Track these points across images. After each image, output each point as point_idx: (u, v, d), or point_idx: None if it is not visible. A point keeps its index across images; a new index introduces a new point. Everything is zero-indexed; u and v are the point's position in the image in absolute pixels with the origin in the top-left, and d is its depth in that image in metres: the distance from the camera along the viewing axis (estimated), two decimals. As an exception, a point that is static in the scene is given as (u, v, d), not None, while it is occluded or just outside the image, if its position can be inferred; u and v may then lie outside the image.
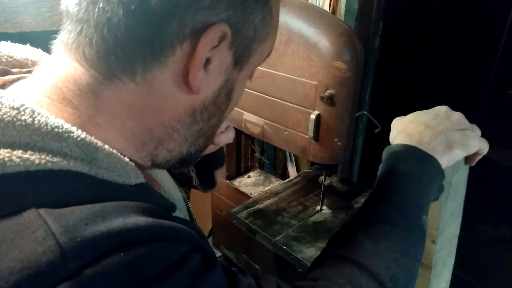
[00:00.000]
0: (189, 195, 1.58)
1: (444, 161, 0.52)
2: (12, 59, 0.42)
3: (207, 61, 0.35)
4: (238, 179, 1.28)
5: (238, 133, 1.24)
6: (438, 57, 1.52)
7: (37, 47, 0.47)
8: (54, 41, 0.36)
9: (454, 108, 0.57)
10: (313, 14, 0.82)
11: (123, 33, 0.31)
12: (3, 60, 0.41)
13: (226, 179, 1.27)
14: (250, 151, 1.33)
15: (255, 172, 1.33)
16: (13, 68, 0.41)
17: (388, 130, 0.60)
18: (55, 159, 0.29)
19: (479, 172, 0.61)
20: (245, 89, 0.89)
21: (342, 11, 0.95)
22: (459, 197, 0.63)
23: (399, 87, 1.36)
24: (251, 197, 1.11)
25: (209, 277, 0.32)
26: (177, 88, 0.35)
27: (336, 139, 0.85)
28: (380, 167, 0.55)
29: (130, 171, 0.34)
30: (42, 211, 0.27)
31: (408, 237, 0.48)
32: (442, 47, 1.52)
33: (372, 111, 1.05)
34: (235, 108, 1.00)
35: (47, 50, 0.46)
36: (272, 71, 0.88)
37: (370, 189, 1.14)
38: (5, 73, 0.39)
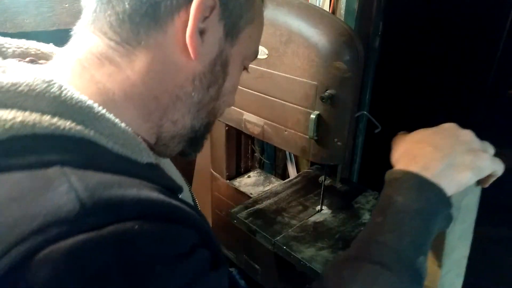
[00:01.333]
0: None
1: (452, 188, 0.47)
2: (39, 52, 0.46)
3: (202, 32, 0.40)
4: (238, 179, 1.28)
5: (238, 133, 1.24)
6: (438, 57, 1.52)
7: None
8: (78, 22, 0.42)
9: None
10: (313, 14, 0.82)
11: (129, 3, 0.38)
12: (32, 52, 0.45)
13: (226, 179, 1.27)
14: (250, 151, 1.33)
15: (255, 172, 1.33)
16: (40, 60, 0.45)
17: (388, 130, 0.59)
18: (78, 128, 0.33)
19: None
20: (245, 89, 0.90)
21: (342, 11, 0.95)
22: (469, 218, 0.57)
23: (399, 87, 1.36)
24: (251, 197, 1.11)
25: (211, 278, 0.33)
26: (178, 54, 0.40)
27: (336, 139, 0.85)
28: (380, 195, 0.51)
29: (143, 150, 0.38)
30: (66, 169, 0.30)
31: (399, 282, 0.43)
32: (442, 47, 1.52)
33: (372, 111, 1.05)
34: (235, 108, 1.00)
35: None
36: (272, 71, 0.88)
37: (370, 189, 1.14)
38: (32, 62, 0.44)
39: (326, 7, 0.97)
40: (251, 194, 1.18)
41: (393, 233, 0.45)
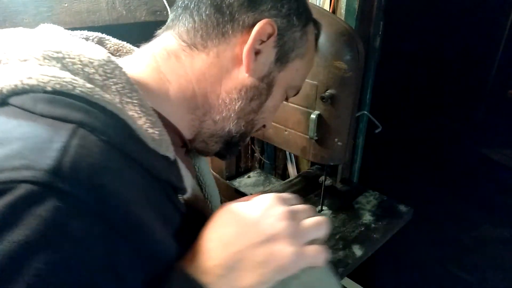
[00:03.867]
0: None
1: None
2: (132, 49, 0.52)
3: (257, 52, 0.46)
4: (238, 179, 1.28)
5: (238, 133, 1.23)
6: (438, 57, 1.52)
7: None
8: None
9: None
10: (313, 13, 0.81)
11: (207, 15, 0.45)
12: (126, 48, 0.52)
13: (226, 179, 1.27)
14: (250, 151, 1.33)
15: (255, 172, 1.33)
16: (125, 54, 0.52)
17: (388, 129, 0.58)
18: (111, 103, 0.35)
19: (479, 172, 0.60)
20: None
21: (343, 11, 0.95)
22: None
23: (400, 87, 1.36)
24: (251, 197, 1.11)
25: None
26: (232, 65, 0.47)
27: (336, 139, 0.85)
28: None
29: (163, 141, 0.38)
30: (80, 130, 0.32)
31: None
32: (442, 47, 1.52)
33: (373, 111, 1.05)
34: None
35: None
36: (272, 71, 0.88)
37: (371, 189, 1.14)
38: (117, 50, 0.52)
39: (327, 6, 0.96)
40: (251, 194, 1.17)
41: None
